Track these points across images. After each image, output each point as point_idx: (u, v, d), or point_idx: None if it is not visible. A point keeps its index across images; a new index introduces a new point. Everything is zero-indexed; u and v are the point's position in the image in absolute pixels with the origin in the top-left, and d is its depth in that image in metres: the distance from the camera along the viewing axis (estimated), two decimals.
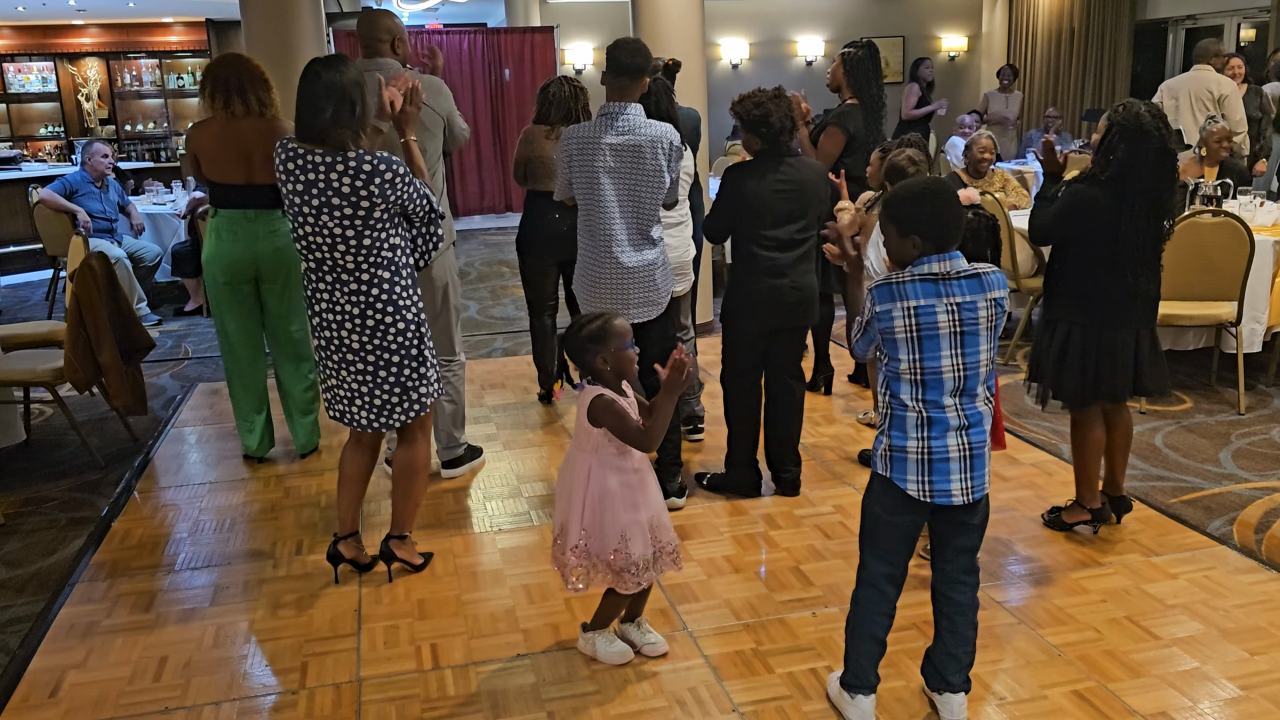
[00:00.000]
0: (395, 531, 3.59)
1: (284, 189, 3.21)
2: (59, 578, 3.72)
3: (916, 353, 2.50)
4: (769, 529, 3.92)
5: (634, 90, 3.86)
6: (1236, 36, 11.47)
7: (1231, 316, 5.10)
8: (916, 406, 2.52)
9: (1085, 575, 3.48)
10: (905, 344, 2.51)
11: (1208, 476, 4.30)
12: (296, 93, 3.15)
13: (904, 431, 2.54)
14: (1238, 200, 5.86)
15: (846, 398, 5.48)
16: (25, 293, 9.39)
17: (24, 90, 13.31)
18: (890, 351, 2.55)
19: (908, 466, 2.54)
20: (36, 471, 4.82)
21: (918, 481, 2.53)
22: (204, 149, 4.38)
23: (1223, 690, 2.83)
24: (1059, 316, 3.59)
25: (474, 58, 12.52)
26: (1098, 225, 3.44)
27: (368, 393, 3.33)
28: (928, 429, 2.51)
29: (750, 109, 3.91)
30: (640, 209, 3.84)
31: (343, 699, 2.91)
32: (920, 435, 2.52)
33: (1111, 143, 3.43)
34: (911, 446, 2.53)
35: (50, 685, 3.03)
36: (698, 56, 6.77)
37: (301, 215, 3.17)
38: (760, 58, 14.29)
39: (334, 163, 3.10)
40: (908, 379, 2.53)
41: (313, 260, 3.24)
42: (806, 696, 2.85)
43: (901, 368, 2.53)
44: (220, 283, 4.43)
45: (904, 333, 2.50)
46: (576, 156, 3.85)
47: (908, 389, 2.53)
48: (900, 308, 2.49)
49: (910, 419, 2.53)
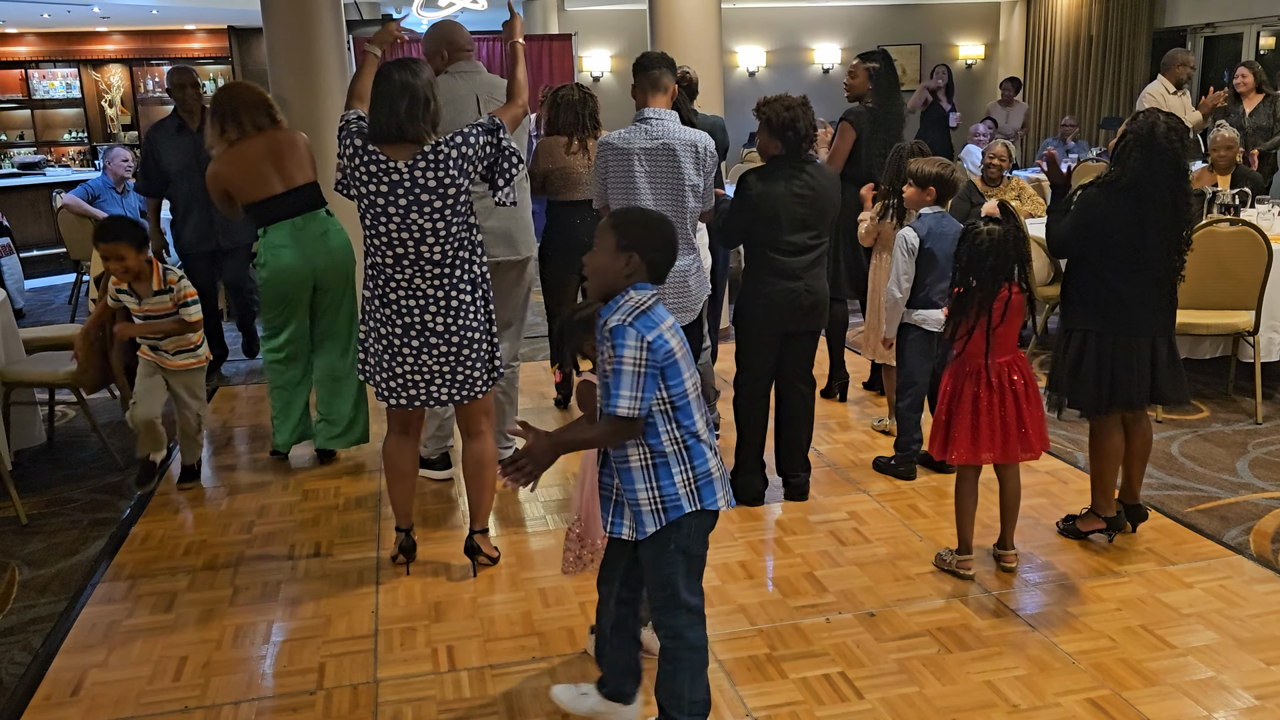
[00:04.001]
0: (477, 526, 3.67)
1: (362, 189, 3.24)
2: (81, 578, 3.76)
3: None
4: (782, 534, 3.93)
5: (665, 95, 3.92)
6: (1256, 44, 11.42)
7: (1249, 325, 5.09)
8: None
9: (1100, 583, 3.48)
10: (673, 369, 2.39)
11: (1224, 486, 4.28)
12: (371, 95, 3.25)
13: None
14: (1255, 209, 5.84)
15: (861, 404, 5.48)
16: (49, 296, 9.50)
17: (48, 96, 13.45)
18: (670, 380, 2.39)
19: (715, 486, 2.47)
20: (58, 473, 4.88)
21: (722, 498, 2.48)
22: (231, 178, 4.40)
23: (1239, 700, 2.82)
24: (1076, 325, 3.59)
25: (492, 64, 12.55)
26: (1114, 235, 3.45)
27: (449, 371, 3.40)
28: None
29: (780, 111, 3.93)
30: (677, 213, 3.89)
31: (360, 700, 2.94)
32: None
33: (1126, 151, 3.45)
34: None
35: (72, 684, 3.07)
36: (715, 64, 6.80)
37: (386, 215, 3.21)
38: (777, 65, 14.30)
39: (416, 161, 3.19)
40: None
41: (391, 255, 3.26)
42: (820, 702, 2.86)
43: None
44: (283, 293, 4.47)
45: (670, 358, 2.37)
46: (613, 162, 3.90)
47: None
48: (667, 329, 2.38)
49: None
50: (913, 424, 4.40)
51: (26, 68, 13.26)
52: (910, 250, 4.19)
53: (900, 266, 4.22)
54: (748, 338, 4.10)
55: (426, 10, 9.90)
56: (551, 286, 5.35)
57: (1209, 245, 5.01)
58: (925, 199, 4.26)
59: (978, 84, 14.86)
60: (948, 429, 3.45)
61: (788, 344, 4.09)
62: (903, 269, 4.22)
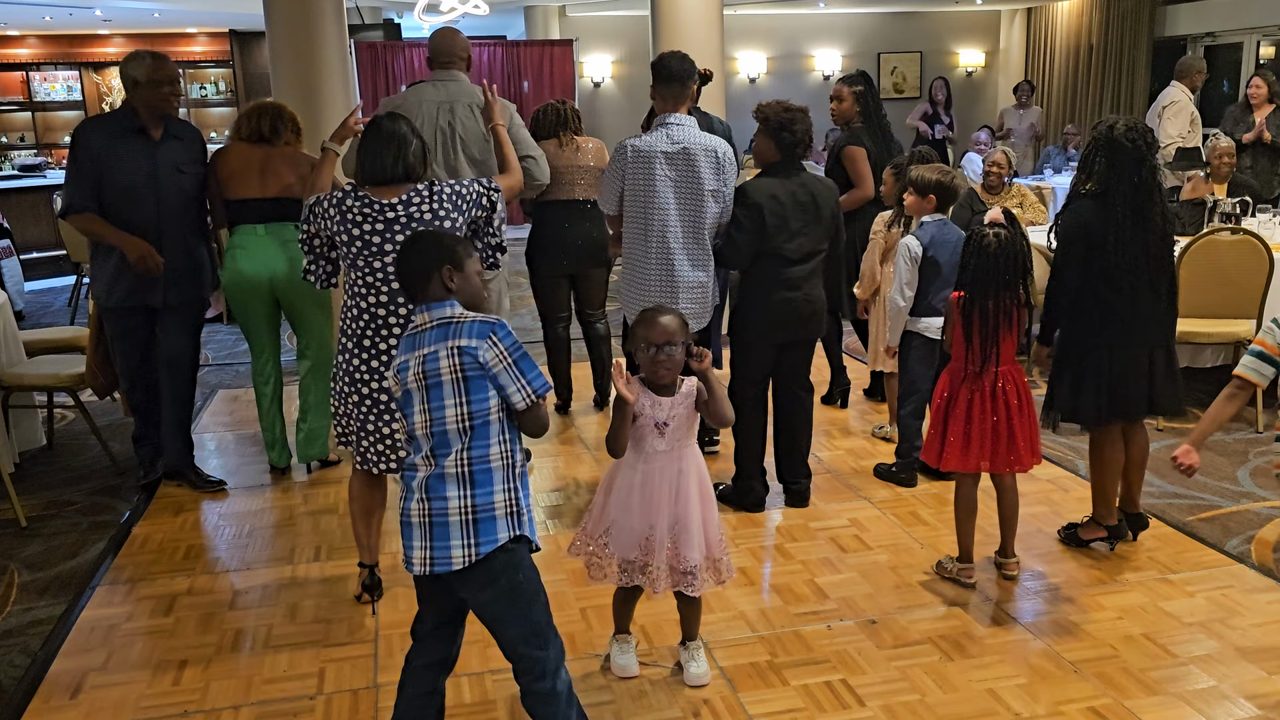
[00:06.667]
0: None
1: (353, 231, 3.20)
2: (80, 580, 3.75)
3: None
4: (783, 541, 3.92)
5: (683, 98, 3.94)
6: (1256, 54, 11.44)
7: (1250, 334, 5.08)
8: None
9: (1102, 592, 3.47)
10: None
11: (1225, 494, 4.28)
12: (359, 146, 3.30)
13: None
14: (1257, 218, 5.85)
15: (862, 411, 5.48)
16: (49, 298, 9.50)
17: (49, 99, 13.46)
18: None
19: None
20: (58, 475, 4.87)
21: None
22: (230, 170, 4.42)
23: (1240, 709, 2.82)
24: (1076, 342, 3.58)
25: (493, 71, 12.61)
26: (1097, 243, 3.45)
27: None
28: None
29: (779, 112, 3.93)
30: (698, 219, 3.91)
31: (360, 705, 2.93)
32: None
33: (1090, 158, 3.48)
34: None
35: (71, 687, 3.07)
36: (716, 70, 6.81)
37: (381, 252, 3.19)
38: (778, 72, 14.33)
39: (410, 197, 3.21)
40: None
41: (386, 293, 3.19)
42: (821, 709, 2.85)
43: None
44: (239, 300, 4.47)
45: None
46: (632, 166, 3.90)
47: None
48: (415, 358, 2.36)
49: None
50: (914, 431, 4.40)
51: (28, 70, 13.27)
52: (913, 258, 4.19)
53: (903, 275, 4.22)
54: (744, 345, 4.09)
55: (428, 15, 9.92)
56: (541, 290, 5.36)
57: (1210, 254, 5.02)
58: (926, 207, 4.26)
59: (978, 92, 14.89)
60: (941, 436, 3.45)
61: (785, 351, 4.09)
62: (905, 278, 4.22)
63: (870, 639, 3.20)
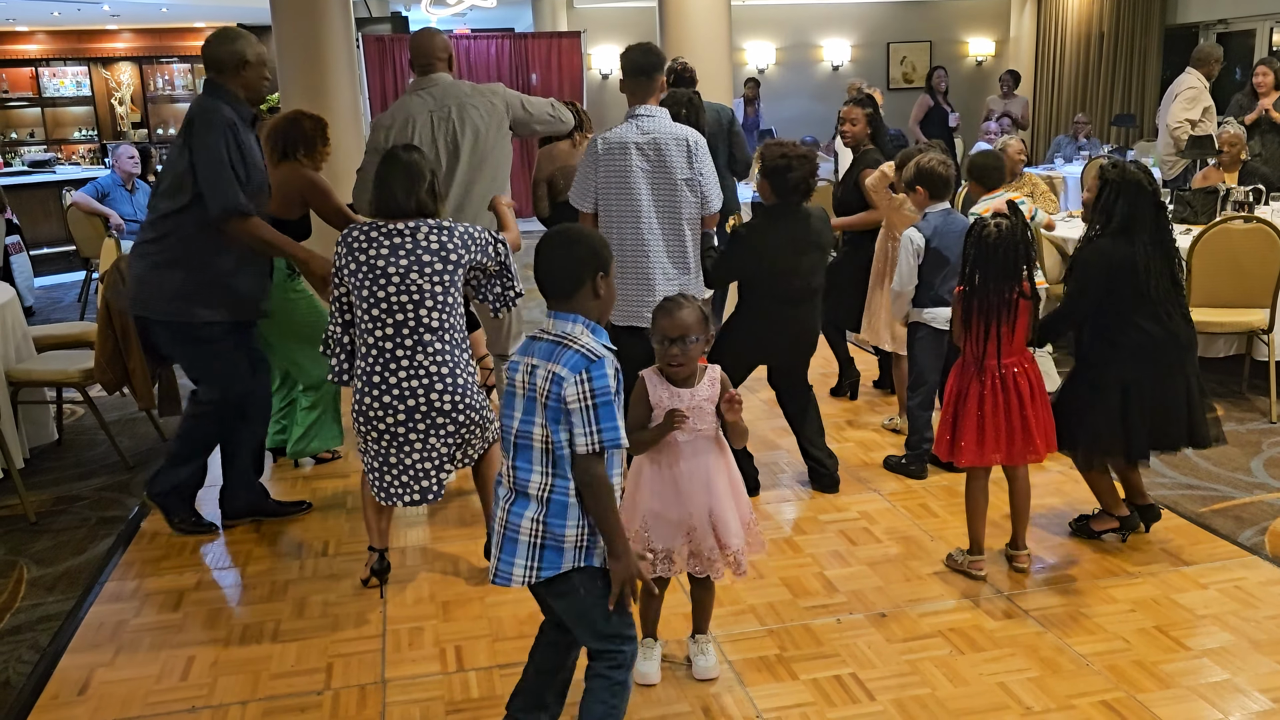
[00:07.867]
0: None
1: (360, 257, 3.21)
2: (89, 576, 3.76)
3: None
4: (793, 534, 3.91)
5: (652, 90, 3.93)
6: (1269, 41, 11.34)
7: (1263, 324, 5.04)
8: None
9: (1114, 584, 3.45)
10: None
11: (1239, 485, 4.24)
12: (376, 177, 3.30)
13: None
14: (1270, 206, 5.79)
15: (871, 403, 5.45)
16: (58, 294, 9.53)
17: (59, 94, 13.50)
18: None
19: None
20: (67, 471, 4.88)
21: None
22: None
23: (1254, 702, 2.79)
24: (1113, 376, 3.50)
25: (501, 63, 12.57)
26: (1119, 278, 3.44)
27: (460, 445, 3.37)
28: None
29: (775, 156, 3.92)
30: (674, 210, 3.89)
31: (368, 700, 2.93)
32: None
33: (1109, 200, 3.45)
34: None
35: (79, 683, 3.07)
36: (724, 61, 6.78)
37: (385, 276, 3.19)
38: (786, 62, 14.27)
39: (419, 225, 3.23)
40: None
41: (390, 325, 3.21)
42: (830, 703, 2.84)
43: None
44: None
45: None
46: (604, 159, 3.87)
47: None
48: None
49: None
50: (923, 423, 4.37)
51: (37, 66, 13.30)
52: (916, 252, 4.15)
53: (904, 270, 4.19)
54: (726, 361, 4.07)
55: (436, 8, 9.90)
56: None
57: (1223, 243, 4.97)
58: (921, 199, 4.23)
59: (988, 81, 14.77)
60: (954, 431, 3.42)
61: (774, 370, 4.17)
62: (906, 274, 4.18)
63: (880, 632, 3.18)
